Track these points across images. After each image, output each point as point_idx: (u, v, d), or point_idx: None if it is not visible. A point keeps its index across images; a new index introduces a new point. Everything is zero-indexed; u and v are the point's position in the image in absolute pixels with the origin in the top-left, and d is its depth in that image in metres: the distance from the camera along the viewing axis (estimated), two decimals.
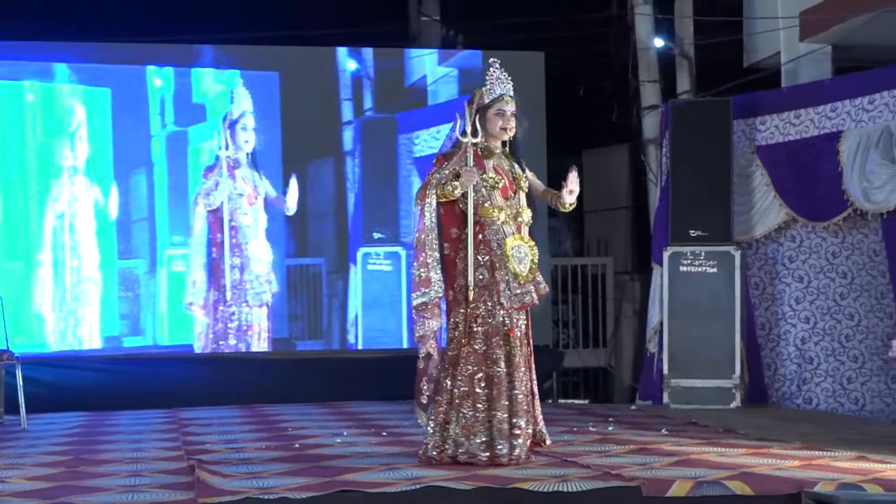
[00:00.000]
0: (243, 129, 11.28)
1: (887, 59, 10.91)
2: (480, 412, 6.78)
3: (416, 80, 12.21)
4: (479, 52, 12.39)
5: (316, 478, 6.33)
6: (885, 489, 5.98)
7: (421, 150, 11.92)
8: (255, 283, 11.23)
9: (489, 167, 6.98)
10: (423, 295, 6.86)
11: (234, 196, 11.20)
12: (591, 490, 6.01)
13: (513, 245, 6.85)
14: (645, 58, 12.68)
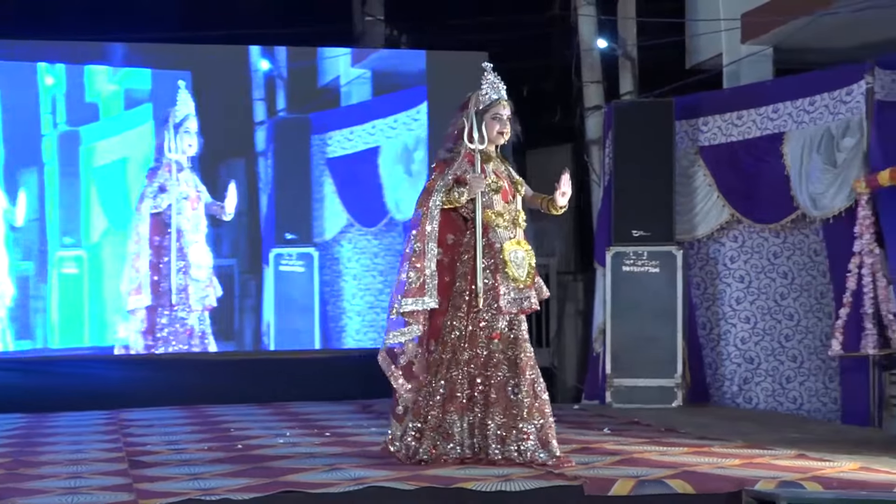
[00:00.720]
0: (186, 133, 11.22)
1: (827, 61, 11.00)
2: (478, 416, 6.76)
3: (329, 80, 12.14)
4: (423, 52, 12.39)
5: (258, 478, 6.30)
6: (824, 487, 6.03)
7: (334, 151, 11.89)
8: (198, 286, 11.17)
9: (489, 171, 6.96)
10: (415, 303, 6.78)
11: (179, 200, 11.14)
12: (533, 489, 6.02)
13: (510, 250, 6.83)
14: (588, 59, 12.71)
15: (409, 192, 11.89)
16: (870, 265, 9.07)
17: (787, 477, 6.24)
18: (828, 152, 9.55)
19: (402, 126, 12.05)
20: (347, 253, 11.86)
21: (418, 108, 12.04)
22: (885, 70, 9.23)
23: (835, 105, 9.62)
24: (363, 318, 11.83)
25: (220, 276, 11.34)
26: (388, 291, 11.65)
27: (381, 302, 11.86)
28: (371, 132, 12.00)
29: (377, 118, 12.01)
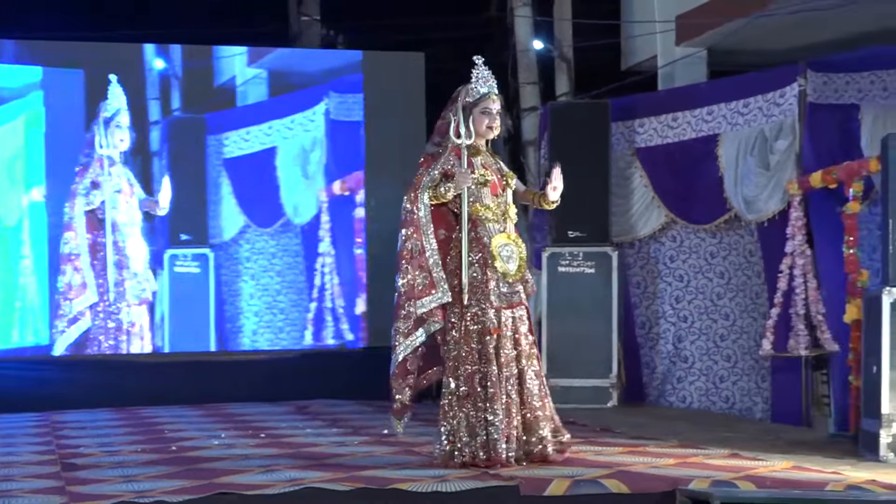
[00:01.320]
0: (118, 128, 11.12)
1: (761, 63, 11.10)
2: (480, 411, 6.74)
3: (225, 80, 12.03)
4: (360, 53, 12.35)
5: (193, 480, 6.26)
6: (757, 486, 6.08)
7: (231, 152, 11.79)
8: (134, 281, 11.10)
9: (478, 165, 6.93)
10: (430, 301, 6.77)
11: (112, 194, 11.07)
12: (469, 490, 6.02)
13: (499, 244, 6.82)
14: (524, 60, 12.76)
15: (306, 193, 11.87)
16: (801, 266, 9.15)
17: (720, 476, 6.29)
18: (761, 155, 9.62)
19: (299, 127, 11.96)
20: (245, 253, 11.77)
21: (314, 109, 11.96)
22: (817, 73, 9.32)
23: (768, 107, 9.70)
24: (260, 319, 11.75)
25: None
26: (286, 292, 11.68)
27: (279, 303, 11.81)
28: (268, 133, 11.91)
29: (274, 119, 11.92)
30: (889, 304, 7.14)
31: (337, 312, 11.83)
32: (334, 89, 12.01)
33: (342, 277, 11.83)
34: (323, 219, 11.83)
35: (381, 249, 11.93)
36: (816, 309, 9.05)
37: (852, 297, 8.34)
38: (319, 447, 7.68)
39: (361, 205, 11.89)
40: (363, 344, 11.78)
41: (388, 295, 11.67)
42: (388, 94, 12.05)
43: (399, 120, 12.03)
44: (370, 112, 12.02)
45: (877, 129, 8.84)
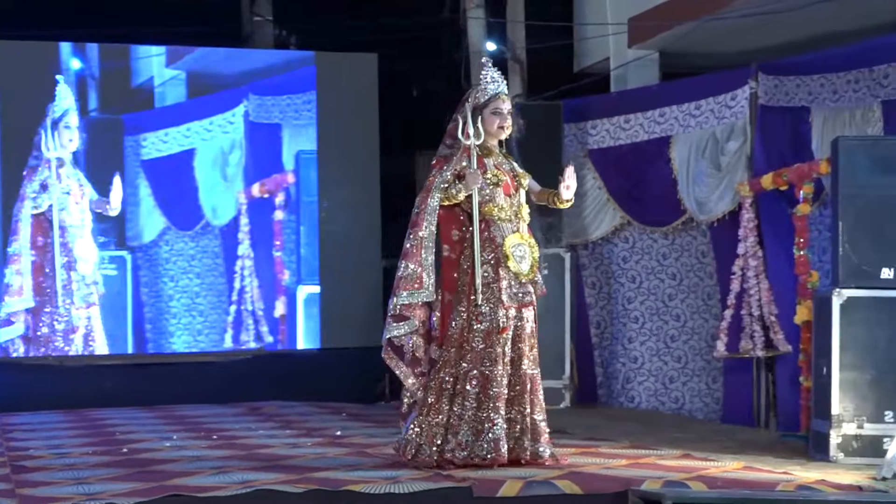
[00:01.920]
0: (66, 128, 11.06)
1: (713, 65, 11.16)
2: (468, 410, 6.73)
3: (142, 80, 11.94)
4: (311, 53, 12.33)
5: (144, 483, 6.23)
6: (709, 486, 6.11)
7: (148, 153, 11.69)
8: (82, 283, 11.03)
9: (490, 165, 6.93)
10: (411, 295, 6.79)
11: (61, 195, 10.99)
12: (422, 491, 6.02)
13: (513, 243, 6.83)
14: (477, 61, 12.75)
15: (225, 195, 11.81)
16: (754, 267, 9.20)
17: (672, 477, 6.32)
18: (713, 156, 9.67)
19: (218, 129, 11.89)
20: (165, 255, 11.70)
21: (234, 111, 11.90)
22: (768, 75, 9.38)
23: (720, 109, 9.75)
24: (179, 321, 11.68)
25: None
26: (205, 294, 11.62)
27: (198, 305, 11.75)
28: (186, 134, 11.83)
29: (192, 120, 11.84)
30: (839, 305, 7.20)
31: (256, 315, 11.78)
32: (253, 91, 11.95)
33: (261, 280, 11.78)
34: (242, 221, 11.77)
35: (336, 250, 11.93)
36: (769, 310, 9.10)
37: (803, 299, 8.40)
38: (272, 449, 7.66)
39: (280, 207, 11.84)
40: (282, 346, 11.74)
41: (342, 297, 11.87)
42: (342, 94, 12.03)
43: (352, 121, 12.02)
44: (323, 113, 12.00)
45: (827, 132, 8.90)
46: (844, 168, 7.33)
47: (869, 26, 10.19)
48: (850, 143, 7.44)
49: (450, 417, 6.74)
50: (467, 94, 7.07)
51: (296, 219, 11.95)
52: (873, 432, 7.13)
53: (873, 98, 8.65)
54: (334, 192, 12.01)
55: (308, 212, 11.95)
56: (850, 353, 7.18)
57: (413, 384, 6.84)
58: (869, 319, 7.20)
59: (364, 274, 12.07)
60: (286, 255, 11.90)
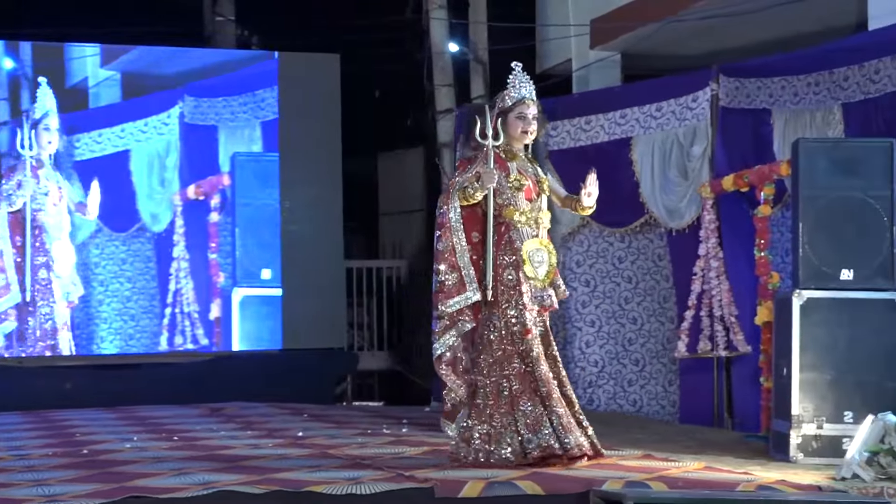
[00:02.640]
0: (46, 130, 11.03)
1: (674, 67, 11.20)
2: (538, 406, 6.75)
3: (77, 81, 11.89)
4: (276, 54, 12.31)
5: (105, 484, 6.19)
6: (670, 486, 6.13)
7: (81, 154, 11.66)
8: (60, 284, 10.99)
9: (513, 169, 6.92)
10: (459, 301, 6.77)
11: (38, 196, 10.94)
12: (384, 492, 6.01)
13: (530, 249, 6.83)
14: (440, 62, 12.78)
15: (160, 197, 11.77)
16: (715, 268, 9.24)
17: (633, 477, 6.33)
18: (679, 163, 9.69)
19: (153, 130, 11.87)
20: (95, 259, 11.65)
21: (169, 113, 11.86)
22: (729, 77, 9.42)
23: (681, 111, 9.79)
24: (109, 325, 11.62)
25: None
26: (136, 298, 11.57)
27: (129, 309, 11.72)
28: (120, 136, 11.80)
29: (127, 121, 11.81)
30: (799, 306, 7.23)
31: (191, 317, 11.73)
32: (189, 93, 11.92)
33: (196, 282, 11.75)
34: (177, 223, 11.75)
35: (298, 251, 11.92)
36: (729, 311, 9.14)
37: (763, 300, 8.44)
38: (233, 450, 7.63)
39: (216, 209, 11.80)
40: (217, 349, 11.70)
41: (304, 298, 11.84)
42: (304, 95, 12.01)
43: (314, 121, 12.00)
44: (285, 113, 11.98)
45: (788, 134, 8.95)
46: (805, 170, 7.37)
47: (829, 29, 10.26)
48: (811, 145, 7.48)
49: (507, 419, 6.76)
50: (495, 98, 7.07)
51: (231, 221, 11.88)
52: (833, 432, 7.17)
53: (833, 100, 8.70)
54: (296, 192, 11.99)
55: (244, 214, 11.86)
56: (810, 354, 7.22)
57: (460, 387, 6.88)
58: (829, 320, 7.23)
59: (326, 275, 12.06)
60: (221, 258, 11.84)
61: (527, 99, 6.94)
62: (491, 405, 6.81)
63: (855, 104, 8.54)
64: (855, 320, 7.22)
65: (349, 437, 8.16)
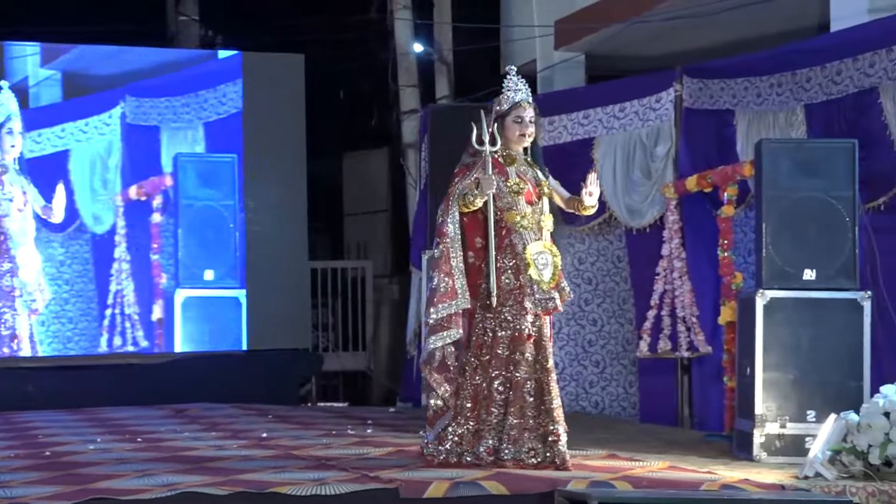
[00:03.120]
0: (9, 134, 10.96)
1: (638, 68, 11.24)
2: (495, 416, 6.74)
3: (17, 80, 11.71)
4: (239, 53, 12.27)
5: (67, 486, 6.16)
6: (634, 486, 6.15)
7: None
8: (25, 290, 10.92)
9: (512, 173, 6.90)
10: (448, 307, 6.78)
11: (3, 202, 10.88)
12: (349, 493, 6.00)
13: (535, 251, 6.81)
14: (404, 62, 12.78)
15: (102, 198, 11.69)
16: (678, 269, 9.28)
17: (598, 477, 6.35)
18: (642, 164, 9.72)
19: (94, 130, 11.76)
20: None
21: (110, 113, 11.78)
22: (693, 78, 9.46)
23: (644, 112, 9.82)
24: (47, 329, 11.51)
25: None
26: (74, 301, 11.51)
27: (67, 312, 11.62)
28: (60, 136, 11.69)
29: (67, 121, 11.71)
30: (762, 306, 7.27)
31: (132, 319, 11.67)
32: (131, 93, 11.84)
33: (138, 283, 11.68)
34: (119, 224, 11.66)
35: (261, 251, 11.89)
36: (691, 311, 9.18)
37: (727, 300, 8.48)
38: (197, 451, 7.61)
39: (158, 210, 11.74)
40: (158, 350, 11.66)
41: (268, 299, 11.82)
42: (268, 95, 11.99)
43: (279, 121, 11.97)
44: (249, 112, 11.94)
45: (751, 134, 8.99)
46: (768, 170, 7.40)
47: (792, 31, 10.31)
48: (774, 146, 7.52)
49: (479, 423, 6.77)
50: (491, 103, 7.06)
51: (174, 222, 11.79)
52: (796, 431, 7.21)
53: (796, 101, 8.75)
54: (260, 193, 11.96)
55: (187, 215, 11.77)
56: (774, 354, 7.26)
57: (445, 391, 6.86)
58: (792, 320, 7.27)
59: (290, 275, 12.03)
60: (164, 259, 11.77)
61: (523, 102, 6.94)
62: (469, 407, 6.81)
63: (817, 105, 8.59)
64: (818, 320, 7.27)
65: (314, 438, 8.15)
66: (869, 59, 8.21)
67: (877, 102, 8.11)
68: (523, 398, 6.76)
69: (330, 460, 7.01)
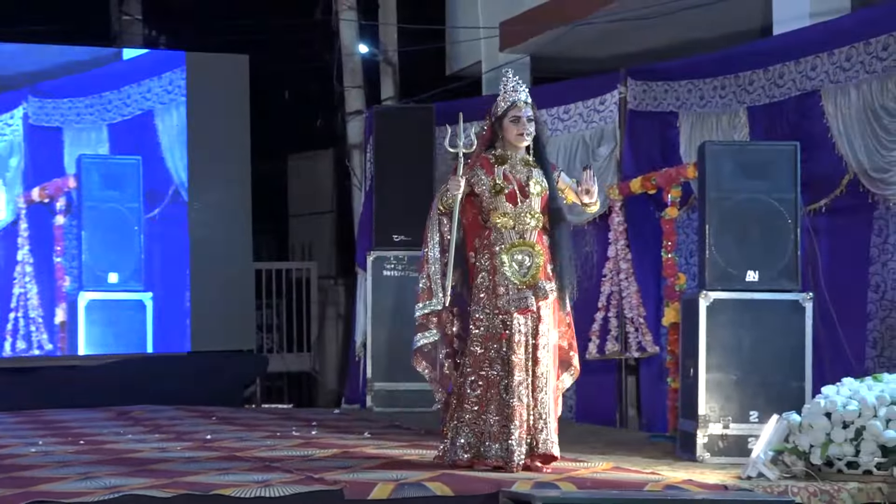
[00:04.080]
0: None
1: (583, 70, 11.28)
2: (468, 413, 6.74)
3: None
4: (182, 53, 12.21)
5: (8, 489, 6.10)
6: (578, 487, 6.17)
7: None
8: None
9: (499, 173, 6.87)
10: (424, 307, 6.89)
11: None
12: (293, 494, 5.99)
13: (512, 250, 6.80)
14: (349, 63, 12.75)
15: (5, 199, 11.58)
16: (624, 270, 9.32)
17: (542, 478, 6.36)
18: (584, 162, 9.74)
19: None
20: None
21: (12, 113, 11.66)
22: (637, 80, 9.50)
23: (589, 114, 9.85)
24: None
25: None
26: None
27: None
28: None
29: None
30: (705, 307, 7.31)
31: (36, 322, 11.57)
32: (33, 94, 11.73)
33: (41, 286, 11.58)
34: (21, 226, 11.56)
35: (206, 252, 11.84)
36: (638, 312, 9.22)
37: (670, 301, 8.52)
38: (141, 453, 7.56)
39: (61, 212, 11.64)
40: (61, 353, 11.58)
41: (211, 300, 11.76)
42: (212, 96, 11.93)
43: (223, 122, 11.92)
44: (193, 114, 11.89)
45: (694, 137, 9.05)
46: (711, 172, 7.45)
47: (735, 34, 10.39)
48: (717, 148, 7.57)
49: (458, 420, 6.79)
50: (492, 106, 7.03)
51: (77, 224, 11.68)
52: (739, 432, 7.26)
53: (739, 104, 8.82)
54: (205, 194, 11.90)
55: (90, 217, 11.65)
56: (717, 355, 7.30)
57: (439, 395, 6.98)
58: (734, 321, 7.32)
59: (235, 276, 11.98)
60: (67, 261, 11.66)
61: (518, 102, 6.91)
62: (454, 405, 6.84)
63: (760, 108, 8.66)
64: (760, 321, 7.32)
65: (258, 440, 8.12)
66: (811, 62, 8.28)
67: (818, 105, 8.19)
68: (499, 396, 6.77)
69: (274, 462, 6.99)
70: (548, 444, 6.75)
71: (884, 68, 7.78)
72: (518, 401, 6.71)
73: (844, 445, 6.37)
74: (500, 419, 6.73)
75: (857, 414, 6.38)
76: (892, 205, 7.76)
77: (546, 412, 6.79)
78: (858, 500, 6.21)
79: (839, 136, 8.03)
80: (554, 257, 6.88)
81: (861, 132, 7.91)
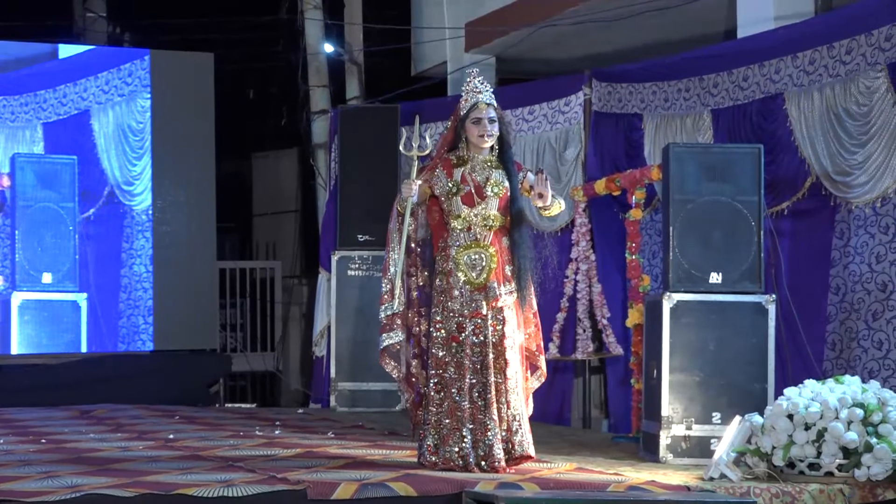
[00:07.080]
0: None
1: (548, 71, 11.30)
2: (433, 416, 6.76)
3: None
4: (146, 51, 12.16)
5: None
6: (542, 487, 6.18)
7: None
8: None
9: (457, 175, 6.85)
10: (384, 309, 6.93)
11: None
12: (256, 494, 5.97)
13: (466, 252, 6.79)
14: (314, 63, 12.74)
15: None
16: (585, 271, 9.34)
17: (505, 478, 6.37)
18: (551, 166, 9.76)
19: None
20: None
21: None
22: (601, 82, 9.53)
23: (553, 115, 9.87)
24: None
25: None
26: None
27: None
28: None
29: None
30: (669, 308, 7.34)
31: None
32: None
33: None
34: None
35: (169, 251, 11.79)
36: (601, 313, 9.24)
37: (634, 302, 8.55)
38: (102, 452, 7.53)
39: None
40: (11, 352, 11.50)
41: (175, 299, 11.73)
42: (177, 94, 11.89)
43: (187, 120, 11.88)
44: (157, 112, 11.84)
45: (659, 138, 9.08)
46: (675, 174, 7.47)
47: (699, 36, 10.43)
48: (681, 150, 7.59)
49: (426, 422, 6.83)
50: (456, 107, 7.03)
51: (11, 223, 11.57)
52: (701, 433, 7.29)
53: (703, 106, 8.85)
54: (168, 193, 11.86)
55: (24, 216, 11.55)
56: (680, 356, 7.33)
57: (406, 395, 7.04)
58: (698, 323, 7.35)
59: (198, 276, 11.95)
60: (0, 261, 11.57)
61: (480, 103, 6.88)
62: (431, 411, 6.83)
63: (724, 110, 8.69)
64: (723, 323, 7.35)
65: (221, 440, 8.10)
66: (775, 65, 8.33)
67: (782, 108, 8.23)
68: (452, 398, 6.77)
69: (237, 461, 6.97)
70: (524, 445, 6.78)
71: (847, 72, 7.82)
72: (470, 404, 6.73)
73: (806, 447, 6.41)
74: (452, 422, 6.76)
75: (818, 416, 6.42)
76: (853, 207, 7.81)
77: (519, 413, 6.81)
78: (820, 502, 6.25)
79: (802, 139, 8.07)
80: (513, 258, 6.89)
81: (824, 135, 7.95)
